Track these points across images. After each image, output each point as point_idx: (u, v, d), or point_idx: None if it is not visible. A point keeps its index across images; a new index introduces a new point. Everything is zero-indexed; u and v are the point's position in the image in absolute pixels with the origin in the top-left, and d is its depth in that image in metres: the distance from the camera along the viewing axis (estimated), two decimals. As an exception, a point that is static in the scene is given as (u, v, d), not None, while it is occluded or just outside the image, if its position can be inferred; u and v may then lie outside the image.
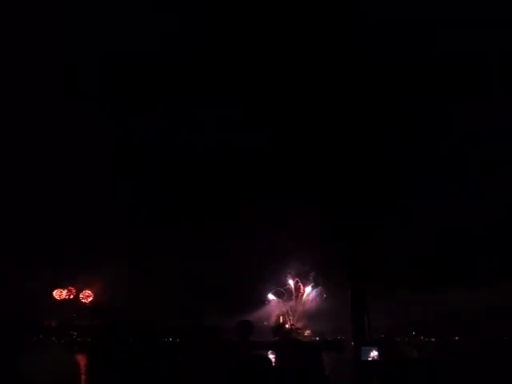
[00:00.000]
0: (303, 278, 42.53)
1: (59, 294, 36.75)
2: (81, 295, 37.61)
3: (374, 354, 3.98)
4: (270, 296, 41.95)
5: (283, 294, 42.26)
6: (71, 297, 37.21)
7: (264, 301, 40.96)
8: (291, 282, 42.56)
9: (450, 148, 24.14)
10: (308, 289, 43.22)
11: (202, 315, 27.80)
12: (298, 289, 43.09)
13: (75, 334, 31.01)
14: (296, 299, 42.76)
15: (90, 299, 37.72)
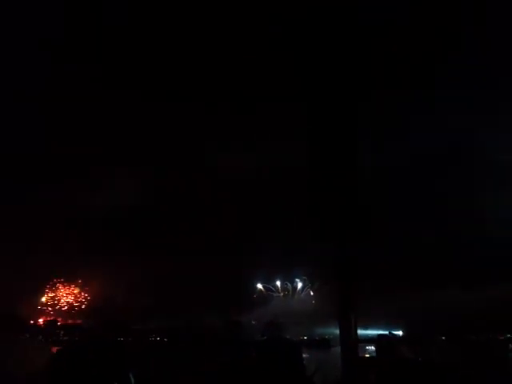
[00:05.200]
0: (311, 278, 42.61)
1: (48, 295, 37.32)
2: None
3: (371, 350, 4.00)
4: (273, 295, 42.12)
5: (287, 292, 42.41)
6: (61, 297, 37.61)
7: (263, 300, 41.09)
8: (297, 281, 42.72)
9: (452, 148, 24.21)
10: (300, 287, 43.43)
11: (195, 315, 27.82)
12: (302, 287, 43.21)
13: (62, 332, 31.33)
14: (295, 298, 42.87)
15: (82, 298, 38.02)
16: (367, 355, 4.35)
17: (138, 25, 18.18)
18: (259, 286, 44.43)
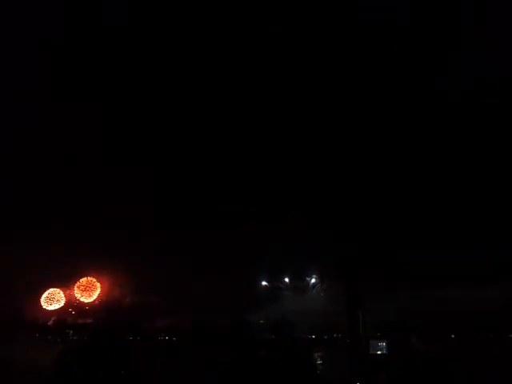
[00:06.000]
0: (323, 275, 42.22)
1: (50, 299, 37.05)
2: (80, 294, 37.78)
3: (383, 347, 3.99)
4: (283, 293, 41.94)
5: (297, 289, 42.15)
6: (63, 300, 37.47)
7: (272, 298, 40.88)
8: (308, 279, 42.52)
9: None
10: (314, 283, 43.07)
11: (202, 314, 27.78)
12: (314, 285, 42.87)
13: (71, 332, 31.28)
14: (306, 296, 42.60)
15: (91, 299, 37.89)
16: (378, 352, 4.35)
17: (138, 25, 18.21)
18: (265, 283, 44.13)
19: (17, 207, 27.25)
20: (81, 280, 38.02)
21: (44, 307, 36.57)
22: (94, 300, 39.13)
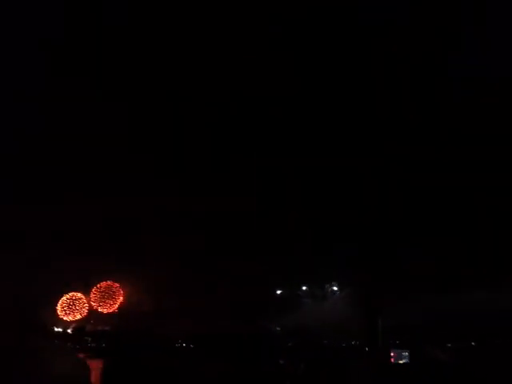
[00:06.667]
0: (342, 283, 41.64)
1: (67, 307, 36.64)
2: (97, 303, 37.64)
3: (405, 357, 3.97)
4: (303, 300, 41.61)
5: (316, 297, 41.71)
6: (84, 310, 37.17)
7: (290, 305, 40.47)
8: (327, 286, 42.08)
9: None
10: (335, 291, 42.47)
11: (219, 321, 27.66)
12: (333, 292, 42.25)
13: (89, 339, 31.22)
14: (325, 303, 42.04)
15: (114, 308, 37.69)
16: (401, 361, 4.32)
17: (138, 25, 18.19)
18: (284, 290, 43.62)
19: (17, 207, 27.15)
20: (98, 285, 37.34)
21: (61, 317, 36.07)
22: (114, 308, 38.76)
